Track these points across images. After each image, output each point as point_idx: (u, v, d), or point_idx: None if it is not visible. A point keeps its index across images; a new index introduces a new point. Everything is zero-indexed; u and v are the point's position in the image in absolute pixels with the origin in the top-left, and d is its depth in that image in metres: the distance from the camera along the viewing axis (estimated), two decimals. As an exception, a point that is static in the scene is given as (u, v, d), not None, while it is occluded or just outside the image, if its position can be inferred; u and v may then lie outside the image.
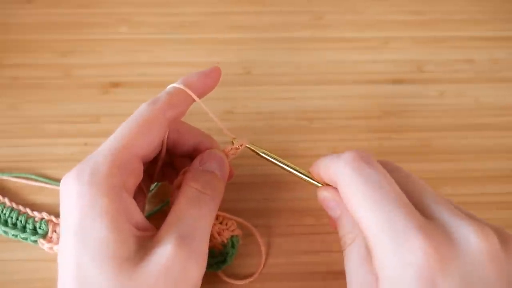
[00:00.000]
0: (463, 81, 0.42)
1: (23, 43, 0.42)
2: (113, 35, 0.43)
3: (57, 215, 0.33)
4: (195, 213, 0.26)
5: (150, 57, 0.42)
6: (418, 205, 0.24)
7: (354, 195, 0.24)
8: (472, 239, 0.21)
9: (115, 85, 0.40)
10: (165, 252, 0.23)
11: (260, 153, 0.30)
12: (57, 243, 0.32)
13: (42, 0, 0.45)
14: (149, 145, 0.27)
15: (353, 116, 0.40)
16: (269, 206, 0.35)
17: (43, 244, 0.32)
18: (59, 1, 0.45)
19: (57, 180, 0.35)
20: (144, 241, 0.25)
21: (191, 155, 0.30)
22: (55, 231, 0.32)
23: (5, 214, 0.33)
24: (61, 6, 0.45)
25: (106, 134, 0.37)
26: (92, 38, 0.43)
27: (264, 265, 0.33)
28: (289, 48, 0.43)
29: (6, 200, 0.34)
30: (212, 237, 0.31)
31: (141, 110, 0.27)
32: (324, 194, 0.28)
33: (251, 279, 0.32)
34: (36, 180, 0.35)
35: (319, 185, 0.28)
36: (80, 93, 0.40)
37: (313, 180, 0.28)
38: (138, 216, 0.25)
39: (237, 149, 0.30)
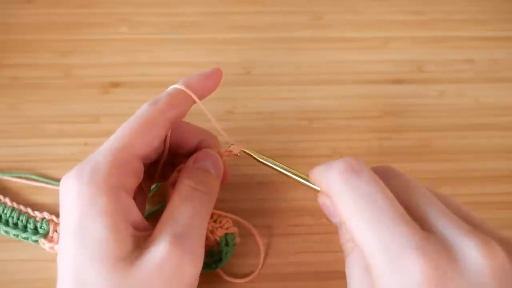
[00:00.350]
0: (463, 81, 0.42)
1: (23, 43, 0.42)
2: (113, 35, 0.43)
3: (58, 215, 0.33)
4: (189, 211, 0.26)
5: (150, 57, 0.42)
6: (418, 216, 0.22)
7: (347, 210, 0.23)
8: (474, 255, 0.20)
9: (115, 85, 0.40)
10: (159, 250, 0.23)
11: (258, 158, 0.30)
12: (58, 242, 0.32)
13: (42, 0, 0.45)
14: (149, 145, 0.27)
15: (353, 116, 0.40)
16: (267, 206, 0.35)
17: (44, 244, 0.32)
18: (59, 1, 0.45)
19: (57, 180, 0.35)
20: (141, 240, 0.25)
21: None
22: (56, 231, 0.32)
23: (6, 214, 0.33)
24: (61, 6, 0.45)
25: (106, 134, 0.37)
26: (92, 38, 0.43)
27: (262, 265, 0.33)
28: (289, 48, 0.43)
29: (7, 200, 0.34)
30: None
31: (142, 110, 0.27)
32: (323, 200, 0.27)
33: (250, 278, 0.32)
34: (36, 180, 0.35)
35: (319, 189, 0.28)
36: (80, 93, 0.40)
37: (313, 185, 0.28)
38: (137, 216, 0.25)
39: (230, 151, 0.30)
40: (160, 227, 0.25)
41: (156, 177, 0.31)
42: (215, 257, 0.31)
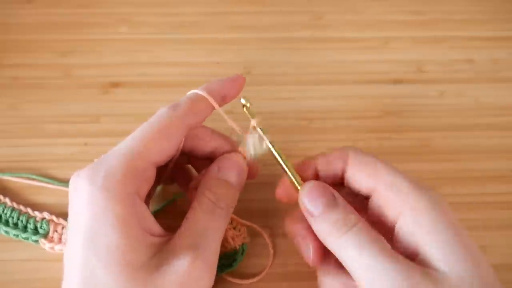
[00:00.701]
0: (463, 81, 0.42)
1: (23, 43, 0.42)
2: (113, 35, 0.43)
3: (58, 215, 0.33)
4: (211, 226, 0.26)
5: (150, 57, 0.42)
6: None
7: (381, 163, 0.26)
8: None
9: (115, 85, 0.40)
10: (181, 264, 0.24)
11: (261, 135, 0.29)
12: (58, 243, 0.32)
13: (42, 0, 0.45)
14: (165, 152, 0.26)
15: (353, 116, 0.40)
16: (275, 206, 0.35)
17: (44, 244, 0.32)
18: (59, 1, 0.45)
19: (57, 180, 0.35)
20: (157, 247, 0.25)
21: (210, 157, 0.29)
22: (56, 231, 0.32)
23: (6, 214, 0.33)
24: (61, 6, 0.45)
25: (106, 134, 0.37)
26: (92, 38, 0.43)
27: (270, 266, 0.33)
28: (289, 48, 0.43)
29: (7, 200, 0.34)
30: (225, 242, 0.32)
31: (161, 115, 0.26)
32: (316, 183, 0.27)
33: (258, 278, 0.32)
34: (37, 180, 0.35)
35: (299, 185, 0.27)
36: (80, 93, 0.40)
37: (296, 177, 0.28)
38: (151, 222, 0.25)
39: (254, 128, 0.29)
40: (181, 238, 0.25)
41: (163, 179, 0.31)
42: (222, 261, 0.32)
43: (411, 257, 0.24)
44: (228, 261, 0.32)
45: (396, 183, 0.25)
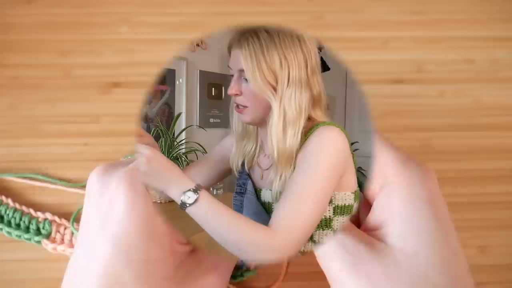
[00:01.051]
0: (463, 81, 0.42)
1: (23, 43, 0.42)
2: (113, 35, 0.43)
3: (60, 215, 0.33)
4: None
5: (150, 57, 0.42)
6: None
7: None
8: None
9: (115, 85, 0.40)
10: (207, 280, 0.25)
11: None
12: (60, 243, 0.32)
13: (42, 0, 0.45)
14: None
15: (353, 116, 0.40)
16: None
17: (46, 244, 0.32)
18: (59, 1, 0.45)
19: (58, 180, 0.35)
20: (182, 256, 0.25)
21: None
22: (59, 232, 0.32)
23: (8, 215, 0.33)
24: (61, 6, 0.45)
25: (106, 134, 0.37)
26: (92, 38, 0.43)
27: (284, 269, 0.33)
28: (289, 48, 0.43)
29: (10, 201, 0.34)
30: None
31: None
32: None
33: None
34: (39, 180, 0.35)
35: None
36: (80, 93, 0.40)
37: None
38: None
39: None
40: (205, 253, 0.26)
41: None
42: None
43: (378, 228, 0.25)
44: (235, 272, 0.32)
45: (383, 157, 0.26)
